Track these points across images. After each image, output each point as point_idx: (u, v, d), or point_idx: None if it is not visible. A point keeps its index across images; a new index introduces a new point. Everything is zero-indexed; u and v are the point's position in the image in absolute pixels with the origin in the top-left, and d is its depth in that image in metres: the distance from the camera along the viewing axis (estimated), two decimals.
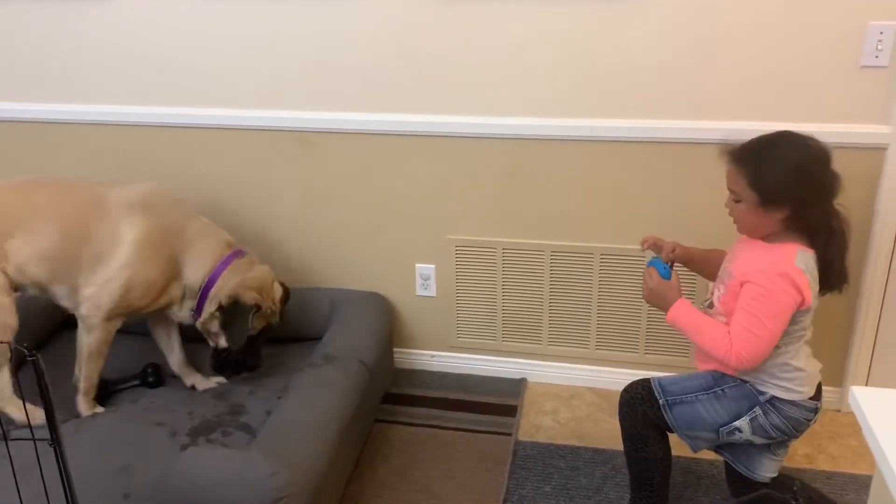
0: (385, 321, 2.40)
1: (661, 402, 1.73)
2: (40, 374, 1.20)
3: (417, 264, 2.44)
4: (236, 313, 2.01)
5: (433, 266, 2.43)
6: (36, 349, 1.41)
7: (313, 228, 2.46)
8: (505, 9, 2.08)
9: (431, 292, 2.47)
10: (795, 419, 1.68)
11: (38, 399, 1.24)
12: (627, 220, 2.23)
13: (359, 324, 2.27)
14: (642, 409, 1.76)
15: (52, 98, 2.46)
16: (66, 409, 2.03)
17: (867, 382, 2.23)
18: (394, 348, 2.54)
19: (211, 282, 2.03)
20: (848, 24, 1.91)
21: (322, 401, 1.91)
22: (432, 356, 2.56)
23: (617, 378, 2.29)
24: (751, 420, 1.68)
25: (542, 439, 2.21)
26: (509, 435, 2.22)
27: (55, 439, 1.25)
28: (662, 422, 1.75)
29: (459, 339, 2.51)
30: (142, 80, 2.38)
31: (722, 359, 1.63)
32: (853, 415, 1.16)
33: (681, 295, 1.71)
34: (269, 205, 2.46)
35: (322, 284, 2.48)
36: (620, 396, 1.81)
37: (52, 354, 2.28)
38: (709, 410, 1.71)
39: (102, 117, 2.44)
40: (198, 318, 2.07)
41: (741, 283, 1.62)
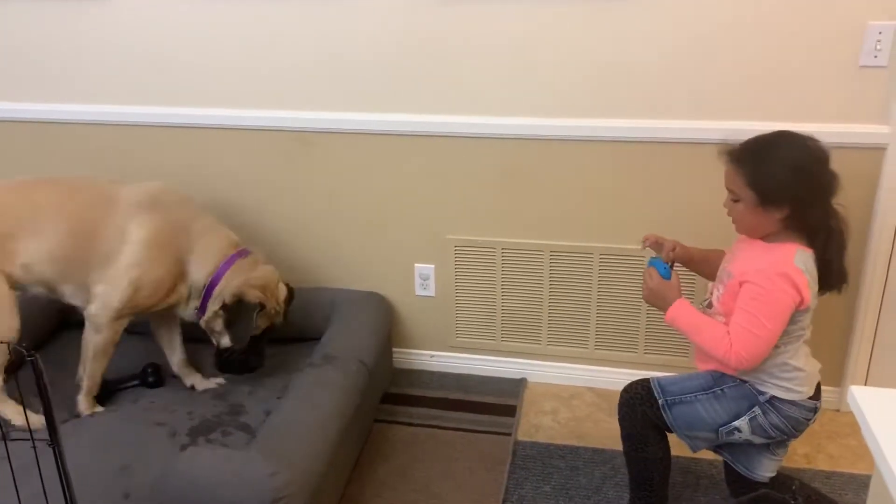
0: (384, 321, 2.40)
1: (660, 402, 1.73)
2: (39, 374, 1.20)
3: (417, 264, 2.44)
4: (240, 312, 2.01)
5: (432, 266, 2.43)
6: (35, 349, 1.40)
7: (312, 228, 2.46)
8: (505, 9, 2.08)
9: (431, 292, 2.47)
10: (795, 419, 1.68)
11: (37, 399, 1.24)
12: (627, 220, 2.23)
13: (358, 324, 2.27)
14: (642, 410, 1.76)
15: (52, 98, 2.46)
16: (66, 409, 2.03)
17: (866, 382, 2.23)
18: (393, 348, 2.54)
19: (215, 280, 2.03)
20: (847, 23, 1.92)
21: (322, 401, 1.91)
22: (432, 356, 2.56)
23: (616, 378, 2.29)
24: (750, 420, 1.68)
25: (542, 439, 2.21)
26: (509, 435, 2.22)
27: (54, 440, 1.25)
28: (662, 422, 1.75)
29: (459, 339, 2.51)
30: (142, 80, 2.38)
31: (721, 359, 1.63)
32: (852, 414, 1.16)
33: (680, 295, 1.71)
34: (268, 205, 2.46)
35: (321, 284, 2.48)
36: (620, 397, 1.81)
37: (52, 354, 2.29)
38: (708, 410, 1.71)
39: (102, 117, 2.44)
40: (201, 317, 2.07)
41: (740, 283, 1.63)
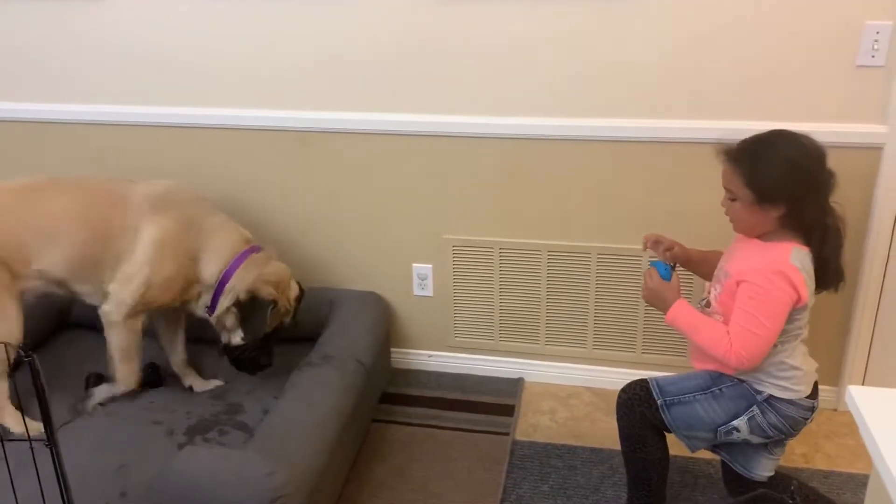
0: (382, 321, 2.40)
1: (659, 402, 1.73)
2: (36, 374, 1.20)
3: (414, 264, 2.44)
4: (254, 308, 2.00)
5: (430, 266, 2.43)
6: (34, 349, 1.41)
7: (311, 228, 2.46)
8: (505, 8, 2.08)
9: (429, 292, 2.47)
10: (793, 418, 1.68)
11: (36, 399, 1.24)
12: (625, 219, 2.23)
13: (356, 323, 2.27)
14: (640, 410, 1.76)
15: (52, 98, 2.47)
16: (65, 410, 2.02)
17: (864, 381, 2.23)
18: (391, 348, 2.54)
19: (227, 276, 2.03)
20: (844, 23, 1.92)
21: (319, 400, 1.91)
22: (430, 356, 2.56)
23: (614, 378, 2.29)
24: (748, 420, 1.68)
25: (540, 439, 2.21)
26: (507, 435, 2.22)
27: (51, 440, 1.25)
28: (660, 422, 1.75)
29: (457, 338, 2.51)
30: (142, 80, 2.38)
31: (721, 358, 1.63)
32: (850, 414, 1.16)
33: (680, 296, 1.71)
34: (267, 204, 2.46)
35: (320, 284, 2.48)
36: (618, 397, 1.81)
37: (51, 355, 2.29)
38: (707, 410, 1.71)
39: (102, 117, 2.44)
40: (212, 314, 2.05)
41: (737, 283, 1.63)
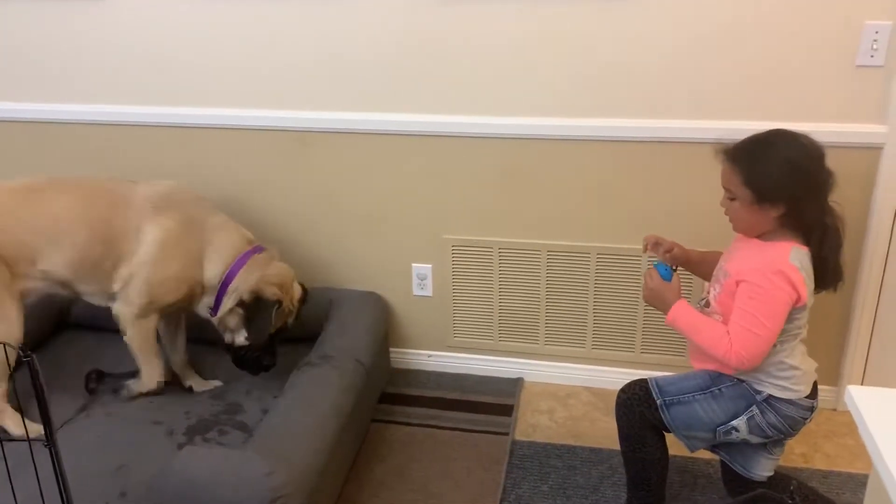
0: (382, 321, 2.41)
1: (658, 402, 1.73)
2: (35, 374, 1.20)
3: (414, 264, 2.44)
4: (258, 309, 2.00)
5: (430, 266, 2.43)
6: (33, 349, 1.41)
7: (310, 228, 2.46)
8: (505, 8, 2.08)
9: (428, 292, 2.47)
10: (792, 418, 1.68)
11: (34, 400, 1.24)
12: (624, 219, 2.23)
13: (355, 323, 2.27)
14: (639, 410, 1.76)
15: (52, 98, 2.47)
16: (64, 411, 2.02)
17: (863, 381, 2.23)
18: (390, 348, 2.54)
19: (230, 277, 2.02)
20: (844, 23, 1.92)
21: (319, 400, 1.91)
22: (429, 356, 2.56)
23: (613, 377, 2.29)
24: (748, 419, 1.68)
25: (539, 439, 2.22)
26: (506, 434, 2.22)
27: (50, 440, 1.25)
28: (660, 422, 1.75)
29: (456, 338, 2.51)
30: (142, 80, 2.38)
31: (722, 359, 1.63)
32: (849, 414, 1.16)
33: (681, 296, 1.71)
34: (267, 204, 2.46)
35: (319, 283, 2.48)
36: (617, 397, 1.81)
37: (51, 355, 2.29)
38: (706, 410, 1.71)
39: (102, 117, 2.44)
40: (215, 314, 2.05)
41: (737, 283, 1.63)
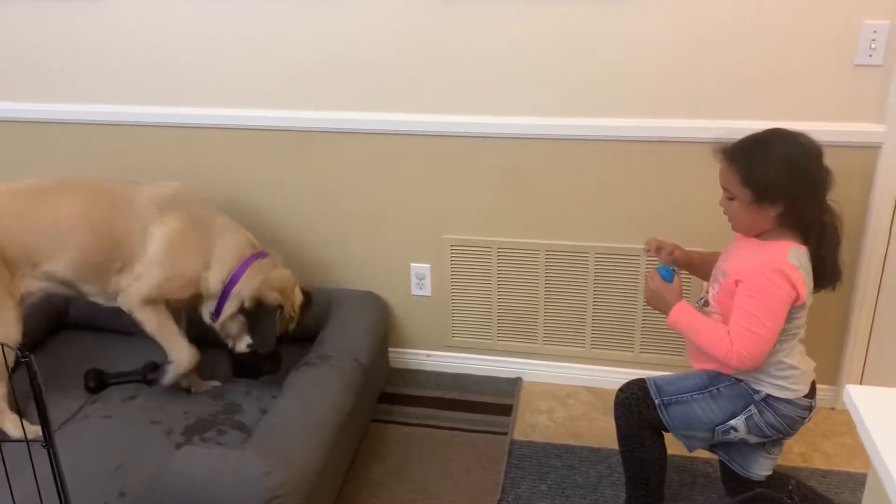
0: (380, 320, 2.41)
1: (657, 402, 1.74)
2: (33, 374, 1.20)
3: (413, 264, 2.45)
4: (261, 315, 1.98)
5: (428, 265, 2.44)
6: (32, 350, 1.41)
7: (309, 228, 2.46)
8: (505, 8, 2.08)
9: (427, 292, 2.47)
10: (790, 417, 1.68)
11: (33, 400, 1.24)
12: (624, 219, 2.23)
13: (354, 323, 2.27)
14: (638, 410, 1.76)
15: (52, 98, 2.47)
16: (64, 411, 2.02)
17: (861, 380, 2.23)
18: (389, 348, 2.54)
19: (232, 281, 2.01)
20: (843, 23, 1.92)
21: (318, 400, 1.91)
22: (428, 356, 2.56)
23: (612, 377, 2.29)
24: (746, 419, 1.68)
25: (538, 438, 2.22)
26: (505, 434, 2.22)
27: (48, 440, 1.25)
28: (658, 422, 1.75)
29: (455, 338, 2.51)
30: (142, 80, 2.39)
31: (722, 359, 1.63)
32: (848, 413, 1.16)
33: (681, 298, 1.72)
34: (266, 204, 2.46)
35: (318, 284, 2.48)
36: (616, 397, 1.81)
37: (49, 355, 2.29)
38: (704, 410, 1.71)
39: (102, 117, 2.45)
40: (216, 320, 2.03)
41: (736, 282, 1.63)
